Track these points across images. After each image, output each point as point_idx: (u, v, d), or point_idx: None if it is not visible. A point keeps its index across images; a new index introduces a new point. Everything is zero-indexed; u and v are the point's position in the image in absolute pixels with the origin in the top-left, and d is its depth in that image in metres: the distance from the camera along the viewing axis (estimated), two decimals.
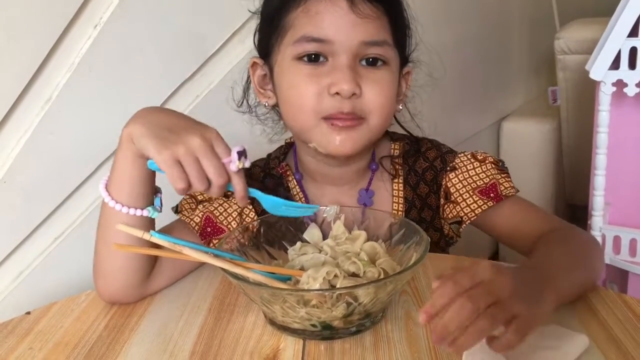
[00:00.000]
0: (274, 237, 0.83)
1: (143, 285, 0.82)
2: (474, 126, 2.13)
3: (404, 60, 0.90)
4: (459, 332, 0.53)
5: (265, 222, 0.83)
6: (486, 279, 0.56)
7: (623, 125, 1.41)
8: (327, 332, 0.69)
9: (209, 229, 0.88)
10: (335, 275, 0.70)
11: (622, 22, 1.29)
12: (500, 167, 0.92)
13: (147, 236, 0.70)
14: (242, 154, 0.69)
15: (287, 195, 0.93)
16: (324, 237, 0.83)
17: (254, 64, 0.91)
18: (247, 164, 0.70)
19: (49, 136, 1.00)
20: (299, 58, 0.82)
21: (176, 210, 0.91)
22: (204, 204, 0.90)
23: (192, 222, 0.88)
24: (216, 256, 0.71)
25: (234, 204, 0.91)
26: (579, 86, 1.93)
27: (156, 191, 0.79)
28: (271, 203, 0.74)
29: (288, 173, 0.95)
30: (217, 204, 0.90)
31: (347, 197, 0.93)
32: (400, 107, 0.93)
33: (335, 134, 0.82)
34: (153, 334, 0.73)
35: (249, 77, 0.93)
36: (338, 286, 0.69)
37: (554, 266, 0.70)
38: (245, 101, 0.96)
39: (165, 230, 0.86)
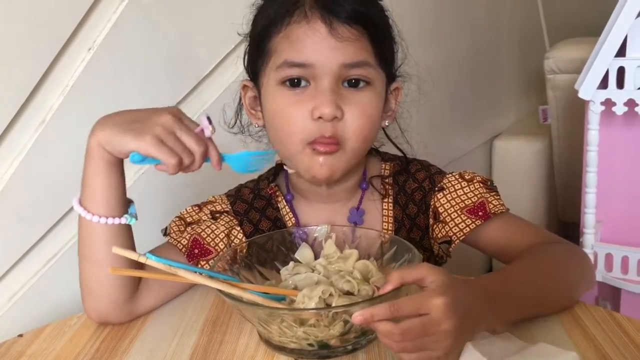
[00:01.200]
0: (265, 257, 0.83)
1: (130, 302, 0.82)
2: (466, 145, 2.14)
3: (392, 76, 0.91)
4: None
5: (255, 242, 0.84)
6: (431, 318, 0.60)
7: (612, 143, 1.43)
8: (324, 352, 0.69)
9: (196, 251, 0.88)
10: (331, 294, 0.71)
11: (610, 42, 1.31)
12: (489, 186, 0.93)
13: (142, 259, 0.70)
14: (209, 120, 0.73)
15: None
16: (316, 257, 0.84)
17: (244, 86, 0.92)
18: (214, 130, 0.74)
19: (43, 158, 1.00)
20: (283, 83, 0.83)
21: (165, 232, 0.92)
22: (192, 226, 0.91)
23: (179, 244, 0.89)
24: (211, 278, 0.72)
25: (222, 225, 0.92)
26: (569, 105, 1.95)
27: (129, 201, 0.82)
28: (238, 159, 0.76)
29: (277, 194, 0.96)
30: (205, 226, 0.91)
31: (338, 215, 0.93)
32: (387, 123, 0.93)
33: (318, 156, 0.83)
34: (145, 356, 0.73)
35: (240, 97, 0.94)
36: (334, 305, 0.69)
37: (510, 284, 0.72)
38: (238, 121, 0.97)
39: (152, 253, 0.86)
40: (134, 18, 1.06)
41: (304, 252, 0.83)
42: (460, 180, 0.93)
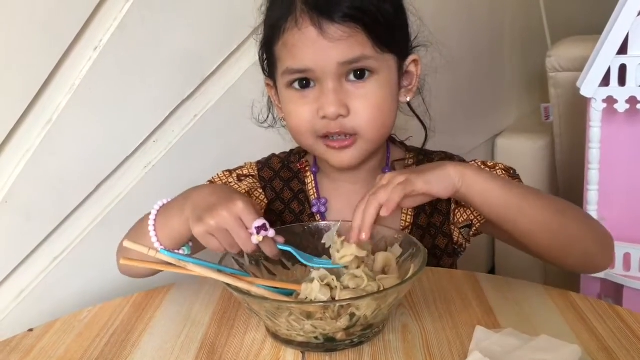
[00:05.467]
0: None
1: None
2: (468, 143, 2.15)
3: (406, 52, 0.91)
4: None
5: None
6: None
7: (614, 140, 1.43)
8: (330, 344, 0.70)
9: None
10: (331, 287, 0.72)
11: (611, 39, 1.31)
12: (512, 174, 0.93)
13: (152, 253, 0.73)
14: (261, 228, 0.75)
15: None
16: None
17: (267, 84, 0.96)
18: (271, 234, 0.76)
19: (50, 157, 1.01)
20: (290, 86, 0.87)
21: None
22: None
23: None
24: (220, 271, 0.73)
25: (244, 185, 0.98)
26: (571, 103, 1.96)
27: None
28: (304, 258, 0.79)
29: (307, 169, 1.00)
30: (228, 184, 0.97)
31: (359, 196, 0.95)
32: (408, 99, 0.93)
33: (333, 152, 0.88)
34: (154, 350, 0.74)
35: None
36: (337, 298, 0.71)
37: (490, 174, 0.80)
38: (270, 115, 1.02)
39: None
40: (140, 17, 1.07)
41: (330, 236, 0.83)
42: (483, 167, 0.93)
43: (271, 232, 0.75)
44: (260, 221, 0.75)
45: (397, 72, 0.89)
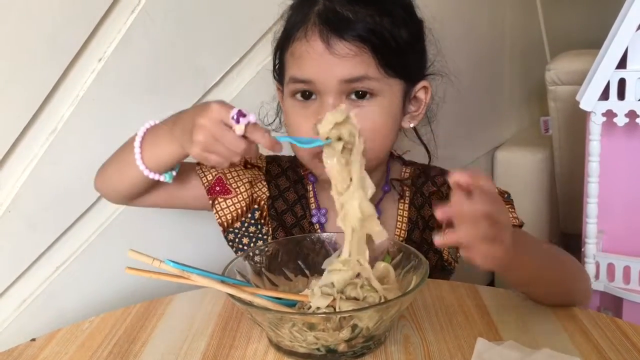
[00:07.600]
0: (275, 265, 0.84)
1: (134, 199, 0.94)
2: (467, 156, 2.16)
3: (415, 78, 0.90)
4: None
5: (264, 251, 0.85)
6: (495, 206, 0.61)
7: (614, 154, 1.44)
8: (332, 356, 0.71)
9: (217, 188, 0.95)
10: (334, 298, 0.72)
11: (611, 54, 1.32)
12: (506, 198, 0.94)
13: (157, 263, 0.72)
14: (239, 115, 0.72)
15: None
16: None
17: (278, 89, 0.97)
18: (252, 119, 0.72)
19: (53, 167, 1.02)
20: (293, 95, 0.87)
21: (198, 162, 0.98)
22: None
23: (204, 178, 0.96)
24: (223, 282, 0.73)
25: (249, 174, 0.98)
26: (570, 116, 1.97)
27: None
28: (301, 142, 0.77)
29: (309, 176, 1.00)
30: (233, 169, 0.97)
31: None
32: (411, 125, 0.93)
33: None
34: None
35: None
36: (337, 308, 0.71)
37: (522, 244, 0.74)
38: (278, 119, 1.02)
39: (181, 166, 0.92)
40: (143, 30, 1.08)
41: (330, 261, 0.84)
42: None
43: (252, 117, 0.72)
44: (235, 110, 0.72)
45: (403, 97, 0.89)
